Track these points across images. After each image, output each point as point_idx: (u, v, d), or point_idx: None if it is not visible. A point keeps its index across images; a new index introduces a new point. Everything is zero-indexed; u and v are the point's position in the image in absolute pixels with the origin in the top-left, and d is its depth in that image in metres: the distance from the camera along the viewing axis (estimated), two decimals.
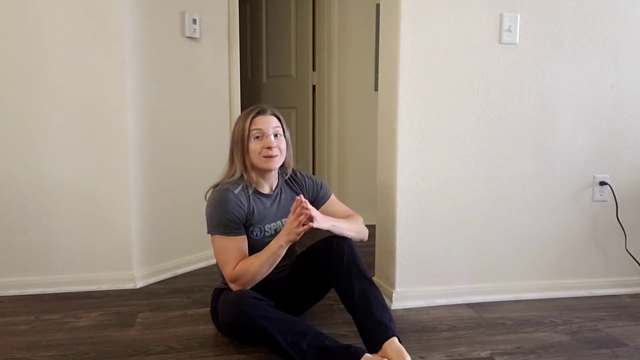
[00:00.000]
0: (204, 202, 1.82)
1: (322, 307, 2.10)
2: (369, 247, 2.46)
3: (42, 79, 2.26)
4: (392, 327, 1.63)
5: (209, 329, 1.93)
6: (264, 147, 1.75)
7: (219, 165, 2.64)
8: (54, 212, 2.33)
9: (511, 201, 2.24)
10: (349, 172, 3.74)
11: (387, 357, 1.56)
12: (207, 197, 1.81)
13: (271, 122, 1.78)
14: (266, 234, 1.82)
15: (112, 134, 2.34)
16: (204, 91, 2.71)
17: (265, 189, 1.85)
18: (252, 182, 1.80)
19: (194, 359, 1.71)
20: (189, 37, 2.60)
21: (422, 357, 1.71)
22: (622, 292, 2.37)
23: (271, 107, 1.83)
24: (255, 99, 3.79)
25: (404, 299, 2.18)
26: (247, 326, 1.62)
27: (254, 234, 1.80)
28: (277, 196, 1.86)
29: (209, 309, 1.95)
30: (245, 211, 1.76)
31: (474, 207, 2.22)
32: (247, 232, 1.78)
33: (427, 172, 2.15)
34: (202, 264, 2.75)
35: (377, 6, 3.48)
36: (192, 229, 2.65)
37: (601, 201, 2.32)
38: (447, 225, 2.20)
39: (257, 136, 1.76)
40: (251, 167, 1.79)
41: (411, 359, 1.57)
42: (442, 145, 2.15)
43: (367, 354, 1.54)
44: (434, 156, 2.15)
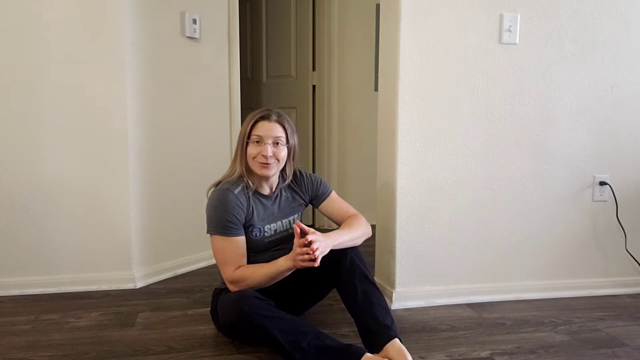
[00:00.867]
0: (204, 202, 1.82)
1: (322, 307, 2.10)
2: (369, 247, 2.45)
3: (42, 79, 2.26)
4: (394, 328, 1.63)
5: (209, 329, 1.93)
6: (259, 153, 1.74)
7: (219, 165, 2.67)
8: (54, 212, 2.33)
9: (511, 201, 2.24)
10: (349, 172, 3.74)
11: (389, 357, 1.56)
12: (209, 194, 1.81)
13: (273, 129, 1.74)
14: (266, 235, 1.83)
15: (112, 134, 2.34)
16: (204, 91, 2.71)
17: (265, 189, 1.85)
18: (252, 183, 1.80)
19: (194, 359, 1.71)
20: (189, 37, 2.60)
21: (422, 357, 1.71)
22: (622, 292, 2.37)
23: (280, 114, 1.78)
24: (255, 99, 3.79)
25: (404, 299, 2.18)
26: (248, 325, 1.62)
27: (254, 234, 1.80)
28: (277, 197, 1.86)
29: (209, 309, 1.95)
30: (244, 211, 1.76)
31: (474, 207, 2.22)
32: (246, 232, 1.78)
33: (427, 172, 2.15)
34: (202, 264, 2.75)
35: (377, 6, 3.48)
36: (192, 229, 2.65)
37: (601, 201, 2.33)
38: (447, 225, 2.20)
39: (257, 141, 1.75)
40: (248, 169, 1.79)
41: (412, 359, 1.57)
42: (442, 145, 2.16)
43: (368, 354, 1.54)
44: (434, 156, 2.15)
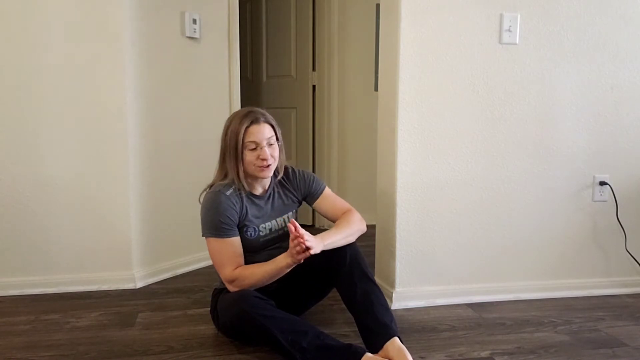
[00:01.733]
0: None
1: (322, 307, 2.10)
2: (369, 247, 2.46)
3: (42, 79, 2.26)
4: (394, 327, 1.63)
5: (209, 329, 1.93)
6: (259, 158, 1.73)
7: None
8: (54, 212, 2.33)
9: (511, 201, 2.24)
10: (349, 172, 3.74)
11: (389, 356, 1.56)
12: (201, 199, 1.80)
13: (265, 132, 1.74)
14: (261, 234, 1.82)
15: (112, 134, 2.34)
16: (204, 91, 2.71)
17: (258, 190, 1.84)
18: (246, 186, 1.79)
19: (194, 359, 1.71)
20: (189, 37, 2.60)
21: (422, 357, 1.71)
22: (622, 292, 2.37)
23: (263, 113, 1.79)
24: (255, 99, 3.79)
25: (404, 299, 2.18)
26: (248, 325, 1.62)
27: (249, 234, 1.80)
28: (270, 196, 1.86)
29: (209, 309, 1.94)
30: (238, 212, 1.76)
31: (474, 207, 2.22)
32: (241, 232, 1.78)
33: (427, 172, 2.15)
34: (202, 264, 2.75)
35: (377, 6, 3.48)
36: (192, 229, 2.63)
37: (601, 201, 2.33)
38: (447, 225, 2.20)
39: (253, 148, 1.74)
40: (244, 175, 1.77)
41: (412, 359, 1.57)
42: (442, 145, 2.16)
43: (368, 354, 1.54)
44: (434, 156, 2.15)
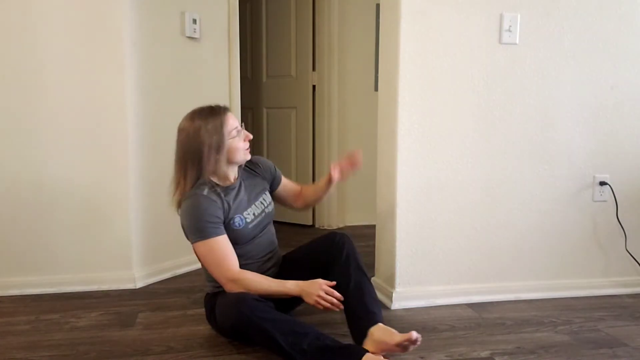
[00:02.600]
0: None
1: None
2: (369, 247, 2.46)
3: (42, 79, 2.26)
4: (380, 315, 1.67)
5: (208, 329, 1.93)
6: (247, 139, 1.81)
7: None
8: (54, 212, 2.33)
9: (511, 201, 2.24)
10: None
11: (375, 338, 1.58)
12: (179, 212, 1.78)
13: (234, 117, 1.82)
14: (247, 221, 1.82)
15: (112, 134, 2.34)
16: (204, 91, 2.71)
17: (229, 180, 1.84)
18: (218, 181, 1.80)
19: (194, 359, 1.71)
20: (189, 37, 2.60)
21: (422, 357, 1.71)
22: (622, 292, 2.37)
23: (218, 104, 1.83)
24: (255, 99, 3.78)
25: (404, 299, 2.18)
26: (248, 328, 1.61)
27: (237, 224, 1.78)
28: (240, 183, 1.86)
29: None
30: (221, 208, 1.74)
31: (474, 207, 2.22)
32: (229, 226, 1.77)
33: (427, 172, 2.15)
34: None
35: (377, 6, 3.48)
36: None
37: (601, 201, 2.32)
38: (447, 225, 2.20)
39: (236, 135, 1.77)
40: (227, 164, 1.78)
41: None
42: (442, 145, 2.16)
43: (369, 354, 1.54)
44: (434, 156, 2.15)
